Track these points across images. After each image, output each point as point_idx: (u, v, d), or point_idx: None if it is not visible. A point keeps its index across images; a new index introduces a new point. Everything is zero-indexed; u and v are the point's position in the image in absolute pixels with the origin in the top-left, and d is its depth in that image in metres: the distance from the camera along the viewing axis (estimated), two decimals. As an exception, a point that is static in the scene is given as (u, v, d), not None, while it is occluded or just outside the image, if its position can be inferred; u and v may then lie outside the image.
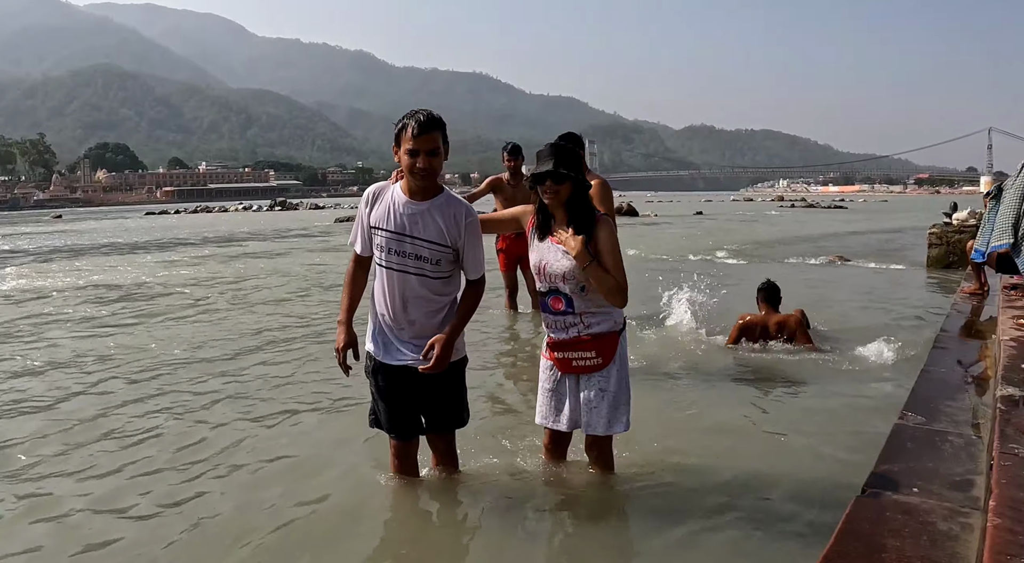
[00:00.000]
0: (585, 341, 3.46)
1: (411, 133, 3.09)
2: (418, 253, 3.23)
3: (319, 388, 5.77)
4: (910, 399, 4.03)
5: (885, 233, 26.09)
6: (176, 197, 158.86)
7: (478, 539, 3.35)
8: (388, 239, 3.25)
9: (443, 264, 3.28)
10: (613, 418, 3.51)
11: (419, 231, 3.22)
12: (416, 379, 3.32)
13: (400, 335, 3.34)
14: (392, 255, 3.26)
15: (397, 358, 3.35)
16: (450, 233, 3.24)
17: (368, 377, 3.50)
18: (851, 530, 2.45)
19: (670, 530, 3.36)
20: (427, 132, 3.09)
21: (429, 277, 3.27)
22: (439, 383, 3.37)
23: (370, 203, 3.33)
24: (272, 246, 23.19)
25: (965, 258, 13.47)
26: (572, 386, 3.58)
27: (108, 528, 3.44)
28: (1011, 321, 5.85)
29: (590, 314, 3.46)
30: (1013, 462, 2.88)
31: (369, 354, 3.45)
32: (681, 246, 18.63)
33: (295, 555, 3.16)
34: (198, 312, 9.86)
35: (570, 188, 3.38)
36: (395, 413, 3.45)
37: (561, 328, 3.51)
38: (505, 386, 5.63)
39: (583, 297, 3.43)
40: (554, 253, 3.43)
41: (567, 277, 3.40)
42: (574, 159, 3.42)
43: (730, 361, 6.63)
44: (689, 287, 8.33)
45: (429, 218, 3.23)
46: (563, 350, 3.52)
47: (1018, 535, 2.28)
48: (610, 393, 3.50)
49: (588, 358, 3.47)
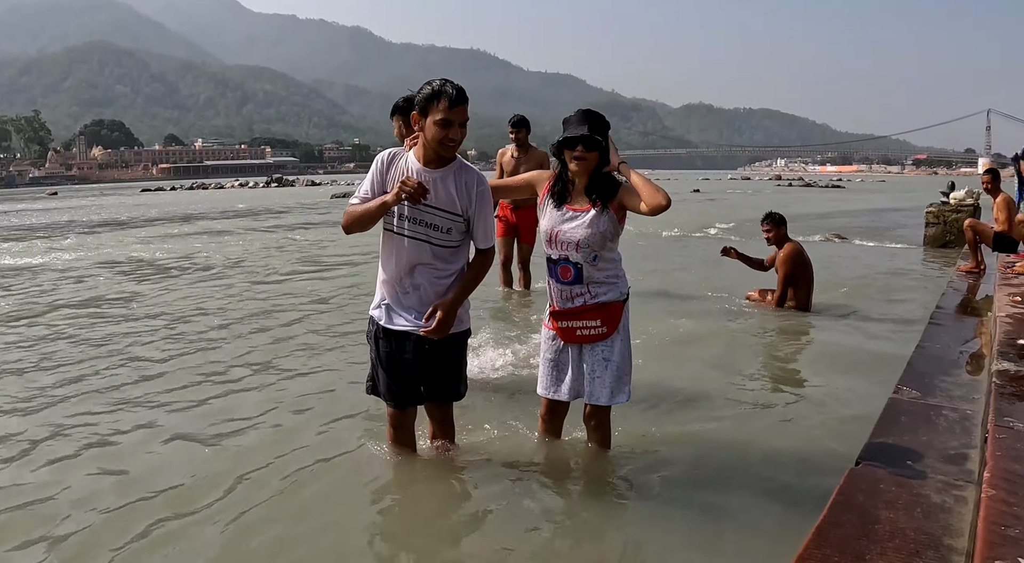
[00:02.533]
0: (590, 310, 3.44)
1: (447, 104, 3.06)
2: (430, 221, 3.23)
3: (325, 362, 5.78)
4: (905, 373, 4.03)
5: (882, 212, 26.07)
6: (172, 174, 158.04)
7: (471, 512, 3.35)
8: (400, 205, 3.22)
9: (453, 233, 3.28)
10: (616, 388, 3.51)
11: (432, 199, 3.20)
12: (417, 346, 3.33)
13: (404, 301, 3.33)
14: (403, 221, 3.25)
15: (399, 324, 3.34)
16: (462, 201, 3.25)
17: (369, 342, 3.50)
18: (845, 501, 2.45)
19: (665, 502, 3.37)
20: (461, 103, 3.09)
21: (438, 245, 3.26)
22: (440, 352, 3.37)
23: (384, 167, 3.31)
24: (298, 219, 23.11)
25: (962, 237, 13.52)
26: (575, 356, 3.57)
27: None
28: (1007, 298, 5.86)
29: (597, 284, 3.44)
30: (1008, 435, 2.88)
31: (372, 319, 3.45)
32: (679, 222, 18.56)
33: (288, 525, 3.16)
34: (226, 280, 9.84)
35: (597, 158, 3.35)
36: (394, 380, 3.44)
37: (567, 297, 3.48)
38: (497, 359, 5.62)
39: (594, 266, 3.41)
40: (568, 221, 3.40)
41: (580, 245, 3.37)
42: (605, 127, 3.38)
43: (725, 334, 6.64)
44: (683, 260, 8.33)
45: (443, 186, 3.22)
46: (567, 319, 3.50)
47: (1012, 506, 2.28)
48: (614, 363, 3.48)
49: (593, 327, 3.45)
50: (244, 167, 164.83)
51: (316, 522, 3.20)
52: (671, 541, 3.06)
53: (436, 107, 3.08)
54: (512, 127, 8.07)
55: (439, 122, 3.07)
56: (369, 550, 3.04)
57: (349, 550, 3.00)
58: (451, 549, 3.04)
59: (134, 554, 2.95)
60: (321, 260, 12.85)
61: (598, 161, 3.36)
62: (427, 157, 3.22)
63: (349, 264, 12.02)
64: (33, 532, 3.14)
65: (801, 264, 7.43)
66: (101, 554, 2.95)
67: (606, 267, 3.43)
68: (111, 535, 3.10)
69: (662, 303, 8.08)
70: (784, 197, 39.34)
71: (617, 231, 3.44)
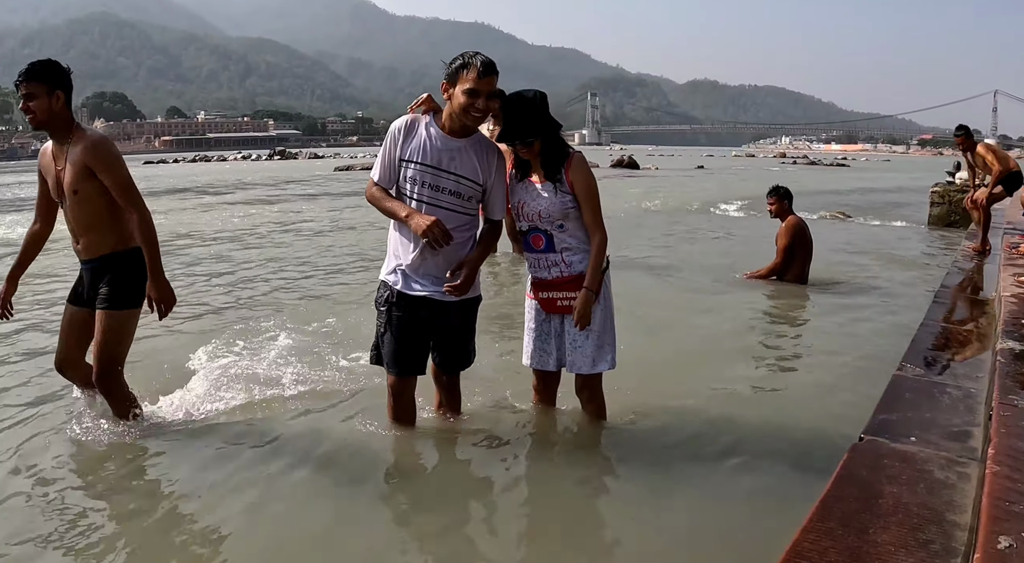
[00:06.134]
0: (568, 281, 3.46)
1: (475, 74, 3.11)
2: (454, 189, 3.28)
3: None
4: (909, 351, 4.02)
5: (887, 191, 25.99)
6: (175, 147, 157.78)
7: (466, 483, 3.38)
8: (423, 172, 3.26)
9: (473, 202, 3.36)
10: (598, 357, 3.53)
11: (456, 167, 3.27)
12: (433, 311, 3.38)
13: (422, 267, 3.35)
14: (425, 188, 3.28)
15: (416, 289, 3.37)
16: (484, 172, 3.33)
17: (379, 308, 3.49)
18: (848, 475, 2.46)
19: (664, 473, 3.38)
20: (490, 74, 3.13)
21: (458, 213, 3.32)
22: (454, 317, 3.44)
23: (401, 135, 3.31)
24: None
25: (967, 217, 13.48)
26: (557, 326, 3.59)
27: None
28: (1012, 278, 5.85)
29: (571, 251, 3.45)
30: (1012, 413, 2.89)
31: (385, 283, 3.45)
32: (682, 198, 18.56)
33: (285, 500, 3.16)
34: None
35: (538, 142, 3.35)
36: (403, 345, 3.44)
37: (543, 267, 3.51)
38: (490, 329, 5.62)
39: (563, 232, 3.43)
40: (531, 193, 3.43)
41: (543, 216, 3.40)
42: (535, 114, 3.32)
43: (726, 307, 6.65)
44: (686, 235, 8.33)
45: (467, 155, 3.29)
46: (547, 290, 3.53)
47: (1017, 482, 2.29)
48: (594, 332, 3.50)
49: (572, 298, 3.46)
50: (247, 140, 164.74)
51: (307, 493, 3.21)
52: (671, 513, 3.08)
53: (464, 77, 3.12)
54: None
55: (467, 92, 3.12)
56: (366, 527, 3.03)
57: (345, 526, 2.99)
58: (443, 519, 3.05)
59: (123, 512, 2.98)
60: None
61: (544, 142, 3.36)
62: (452, 126, 3.26)
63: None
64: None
65: (801, 237, 7.48)
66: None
67: (576, 233, 3.45)
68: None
69: (663, 276, 8.10)
70: (788, 175, 39.18)
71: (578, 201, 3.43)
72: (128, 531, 2.91)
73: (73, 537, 2.83)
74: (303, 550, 2.77)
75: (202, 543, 2.81)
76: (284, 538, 2.85)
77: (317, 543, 2.81)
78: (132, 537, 2.86)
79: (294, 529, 2.90)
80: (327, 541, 2.83)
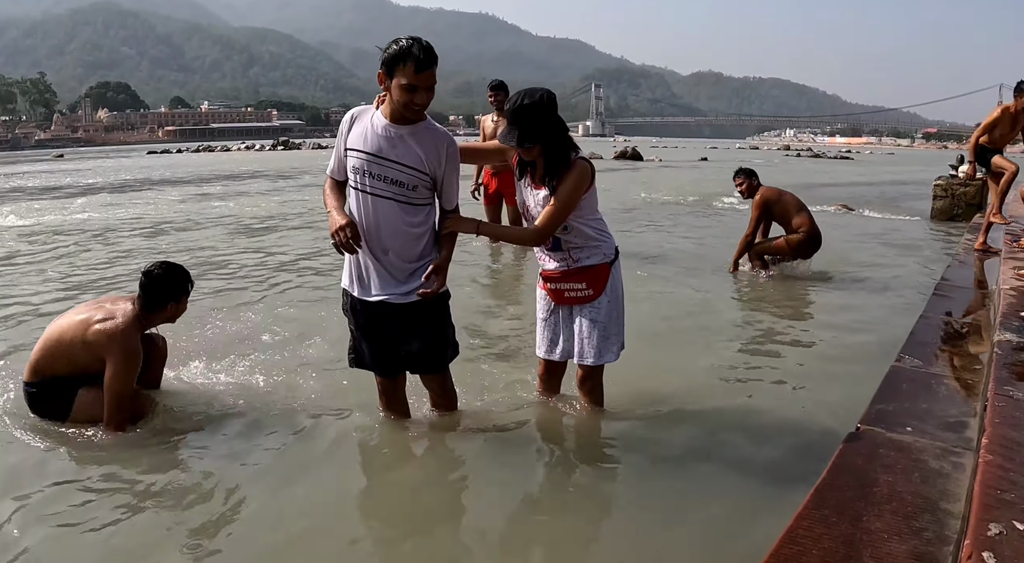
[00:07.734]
0: (575, 273, 3.50)
1: (413, 69, 2.92)
2: (394, 177, 3.12)
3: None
4: (908, 342, 4.06)
5: (890, 184, 25.93)
6: (178, 136, 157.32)
7: (465, 477, 3.41)
8: (364, 161, 3.13)
9: (419, 190, 3.17)
10: (604, 348, 3.56)
11: (397, 155, 3.10)
12: (394, 315, 3.27)
13: (375, 268, 3.24)
14: (367, 178, 3.14)
15: (373, 293, 3.27)
16: (430, 161, 3.14)
17: (346, 314, 3.45)
18: (844, 464, 2.50)
19: (661, 462, 3.43)
20: (428, 67, 2.94)
21: (403, 203, 3.15)
22: (419, 317, 3.30)
23: (349, 125, 3.23)
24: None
25: (969, 210, 13.47)
26: (566, 317, 3.64)
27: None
28: (1012, 272, 5.87)
29: (578, 249, 3.49)
30: (1007, 403, 2.92)
31: (345, 291, 3.39)
32: (684, 190, 18.54)
33: (281, 495, 3.19)
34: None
35: (541, 148, 3.33)
36: (376, 350, 3.42)
37: (552, 260, 3.55)
38: (491, 320, 5.66)
39: (567, 234, 3.45)
40: (532, 196, 3.46)
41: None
42: (538, 118, 3.28)
43: (724, 298, 6.69)
44: (686, 226, 8.37)
45: (410, 142, 3.11)
46: (555, 281, 3.57)
47: (1009, 472, 2.32)
48: (601, 324, 3.54)
49: (579, 289, 3.51)
50: (250, 130, 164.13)
51: (301, 492, 3.23)
52: (667, 501, 3.10)
53: (402, 69, 2.93)
54: (491, 90, 8.14)
55: (405, 87, 2.95)
56: (363, 520, 3.07)
57: (341, 519, 3.01)
58: (441, 511, 3.09)
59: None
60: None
61: (545, 147, 3.33)
62: (394, 116, 3.10)
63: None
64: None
65: (771, 202, 7.62)
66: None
67: (582, 233, 3.46)
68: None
69: (660, 266, 8.14)
70: (793, 167, 39.10)
71: (579, 205, 3.39)
72: (112, 532, 2.89)
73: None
74: (299, 548, 2.77)
75: (188, 547, 2.80)
76: (276, 536, 2.85)
77: (311, 541, 2.83)
78: (117, 537, 2.86)
79: (286, 527, 2.91)
80: (324, 540, 2.84)
